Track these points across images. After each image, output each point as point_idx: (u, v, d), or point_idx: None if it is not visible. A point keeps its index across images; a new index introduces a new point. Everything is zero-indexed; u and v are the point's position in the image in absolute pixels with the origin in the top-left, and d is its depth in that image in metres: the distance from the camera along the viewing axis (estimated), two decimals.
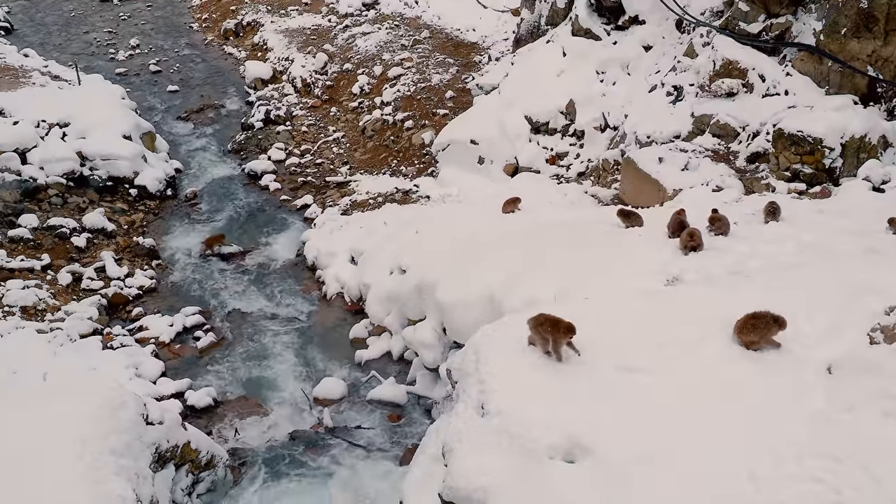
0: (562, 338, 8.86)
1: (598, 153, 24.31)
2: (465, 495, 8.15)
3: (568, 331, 8.87)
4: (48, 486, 7.75)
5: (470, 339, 10.26)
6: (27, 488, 7.71)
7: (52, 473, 7.90)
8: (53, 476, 7.88)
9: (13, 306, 19.38)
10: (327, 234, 23.19)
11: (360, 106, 33.91)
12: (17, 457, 8.03)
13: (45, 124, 28.08)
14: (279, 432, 15.96)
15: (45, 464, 7.95)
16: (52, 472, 7.91)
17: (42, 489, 7.70)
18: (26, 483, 7.74)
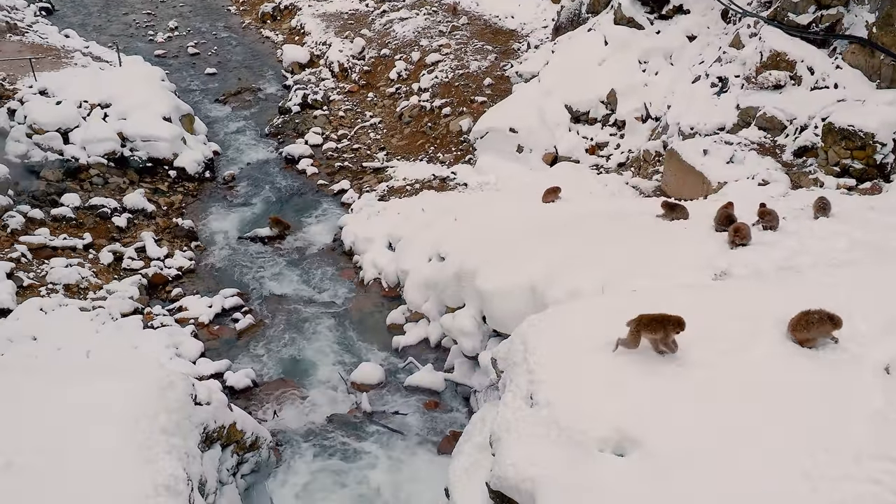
0: (672, 332, 8.77)
1: (639, 144, 24.07)
2: (513, 485, 8.12)
3: (678, 325, 8.77)
4: (103, 462, 7.84)
5: (516, 329, 10.20)
6: (83, 464, 7.80)
7: (106, 451, 7.99)
8: (107, 453, 7.97)
9: (57, 284, 19.64)
10: (364, 220, 23.21)
11: (398, 92, 33.87)
12: (72, 434, 8.13)
13: (86, 105, 28.37)
14: (317, 415, 16.04)
15: (99, 441, 8.04)
16: (106, 450, 8.00)
17: (97, 466, 7.80)
18: (82, 459, 7.84)
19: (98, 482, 7.73)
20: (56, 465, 7.88)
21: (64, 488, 7.64)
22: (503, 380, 9.89)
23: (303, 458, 14.53)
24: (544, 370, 8.89)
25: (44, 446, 8.03)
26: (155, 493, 7.80)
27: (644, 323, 8.75)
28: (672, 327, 8.71)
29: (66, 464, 7.88)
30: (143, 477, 7.94)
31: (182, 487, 8.06)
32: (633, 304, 10.03)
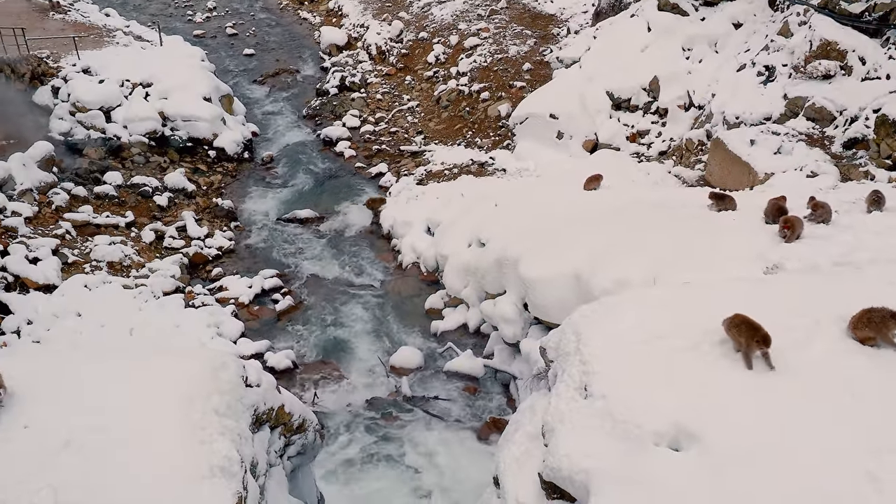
0: (754, 346, 8.52)
1: (681, 132, 23.76)
2: (566, 476, 8.05)
3: (763, 341, 8.46)
4: (159, 442, 7.90)
5: (567, 319, 10.09)
6: (140, 444, 7.86)
7: (162, 430, 8.05)
8: (163, 433, 8.02)
9: (100, 261, 19.87)
10: (403, 204, 23.21)
11: (435, 75, 33.74)
12: (128, 413, 8.20)
13: (128, 84, 28.61)
14: (356, 398, 16.13)
15: (155, 420, 8.10)
16: (162, 429, 8.06)
17: (153, 445, 7.86)
18: (139, 438, 7.90)
19: (155, 461, 7.77)
20: (113, 444, 7.93)
21: (121, 467, 7.70)
22: (554, 370, 9.81)
23: (343, 441, 14.63)
24: (598, 361, 8.78)
25: (101, 425, 8.08)
26: (210, 474, 7.82)
27: (735, 323, 8.58)
28: (756, 342, 8.41)
29: (122, 443, 7.94)
30: (199, 457, 7.96)
31: (236, 469, 8.08)
32: (687, 297, 9.92)
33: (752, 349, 8.48)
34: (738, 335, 8.56)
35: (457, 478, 13.52)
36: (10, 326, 17.18)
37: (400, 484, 13.59)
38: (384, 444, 14.63)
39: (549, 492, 8.53)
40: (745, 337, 8.50)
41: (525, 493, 8.68)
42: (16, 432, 7.99)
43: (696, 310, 9.50)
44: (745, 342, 8.47)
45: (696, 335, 9.05)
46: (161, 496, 7.47)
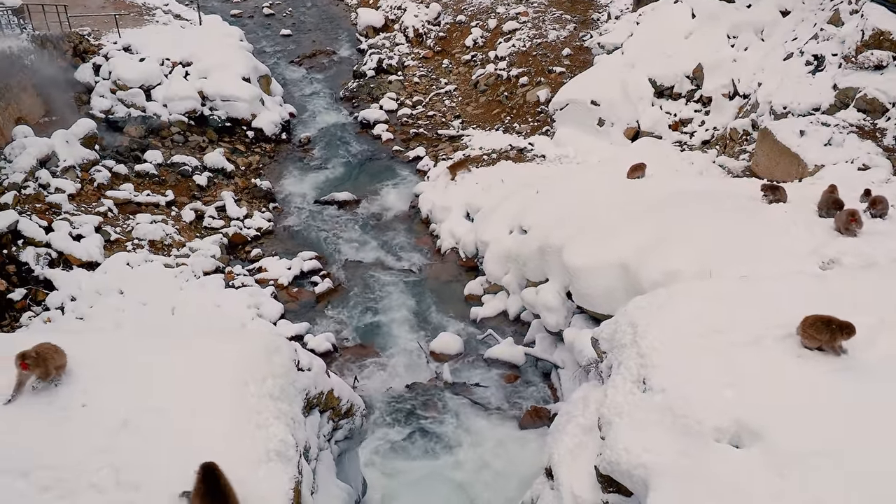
0: (839, 337, 8.41)
1: (725, 121, 23.38)
2: (625, 470, 7.96)
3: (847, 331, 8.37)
4: (217, 424, 7.89)
5: (621, 310, 9.96)
6: (197, 425, 7.86)
7: (219, 413, 8.04)
8: (220, 416, 8.01)
9: (142, 239, 19.98)
10: (442, 189, 23.07)
11: (473, 59, 33.50)
12: (185, 394, 8.20)
13: (168, 63, 28.71)
14: (397, 383, 16.09)
15: (211, 403, 8.09)
16: (219, 412, 8.05)
17: (211, 427, 7.85)
18: (196, 420, 7.90)
19: (212, 444, 7.75)
20: (171, 425, 7.94)
21: (179, 449, 7.69)
22: (608, 361, 9.69)
23: (384, 426, 14.62)
24: (657, 354, 8.65)
25: (158, 406, 8.08)
26: (267, 458, 7.80)
27: (809, 323, 8.40)
28: (840, 333, 8.31)
29: (180, 424, 7.94)
30: (256, 441, 7.95)
31: (292, 453, 8.06)
32: (745, 291, 9.74)
33: (837, 340, 8.37)
34: (818, 333, 8.40)
35: (498, 467, 13.44)
36: (55, 303, 17.34)
37: (441, 471, 13.53)
38: (425, 430, 14.58)
39: (605, 485, 8.45)
40: (827, 333, 8.37)
41: (580, 486, 8.61)
42: (74, 411, 8.01)
43: (756, 304, 9.34)
44: (830, 336, 8.35)
45: (756, 330, 8.89)
46: None
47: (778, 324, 8.90)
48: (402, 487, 13.09)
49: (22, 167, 20.48)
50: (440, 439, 14.30)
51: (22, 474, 7.36)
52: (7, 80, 23.55)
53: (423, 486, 13.19)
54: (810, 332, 8.39)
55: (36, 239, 18.38)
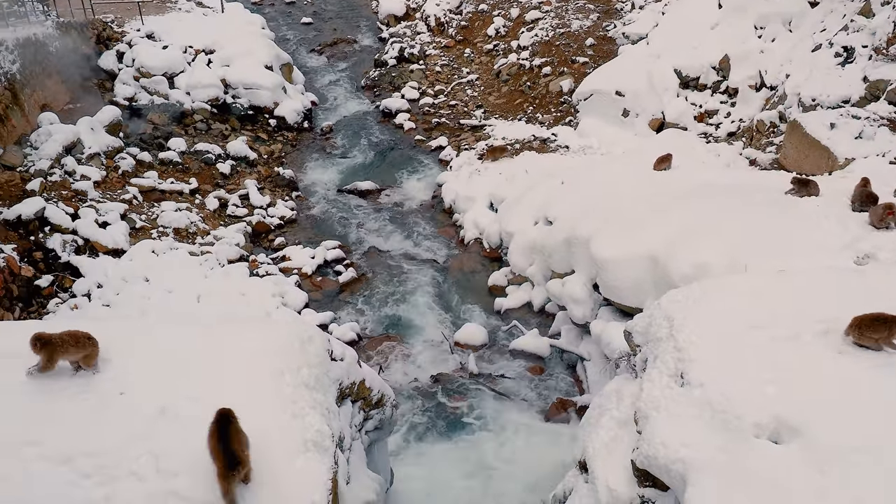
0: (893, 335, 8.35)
1: (752, 113, 23.18)
2: (662, 465, 7.90)
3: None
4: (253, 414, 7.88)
5: (655, 303, 9.88)
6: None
7: (255, 402, 8.03)
8: (257, 405, 8.01)
9: (167, 227, 20.04)
10: (465, 179, 23.00)
11: (495, 49, 33.34)
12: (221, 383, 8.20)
13: (191, 50, 28.73)
14: (421, 373, 16.07)
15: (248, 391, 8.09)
16: (255, 401, 8.04)
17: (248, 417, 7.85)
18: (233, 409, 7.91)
19: (249, 433, 7.77)
20: (207, 414, 7.93)
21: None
22: (643, 355, 9.63)
23: (409, 416, 14.60)
24: (695, 349, 8.58)
25: (195, 394, 8.09)
26: (304, 448, 7.80)
27: (866, 324, 8.31)
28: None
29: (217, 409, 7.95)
30: (293, 431, 7.94)
31: (328, 444, 8.04)
32: (782, 286, 9.65)
33: (894, 335, 8.30)
34: (875, 332, 8.32)
35: (525, 458, 13.39)
36: (81, 289, 17.43)
37: (467, 462, 13.51)
38: (450, 420, 14.57)
39: (641, 479, 8.40)
40: (885, 330, 8.30)
41: (615, 480, 8.56)
42: (112, 398, 8.04)
43: (794, 299, 9.25)
44: (888, 333, 8.27)
45: (795, 325, 8.81)
46: (256, 468, 7.47)
47: (817, 319, 8.81)
48: (429, 478, 13.08)
49: (48, 154, 20.58)
50: (466, 430, 14.29)
51: (64, 461, 7.39)
52: (32, 67, 23.64)
53: (449, 477, 13.18)
54: (867, 332, 8.30)
55: (62, 226, 18.48)
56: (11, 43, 22.47)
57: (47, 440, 7.55)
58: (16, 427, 7.66)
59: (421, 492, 12.75)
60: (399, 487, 12.50)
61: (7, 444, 7.50)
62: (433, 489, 12.83)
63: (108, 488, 7.26)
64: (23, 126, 22.01)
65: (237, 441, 7.13)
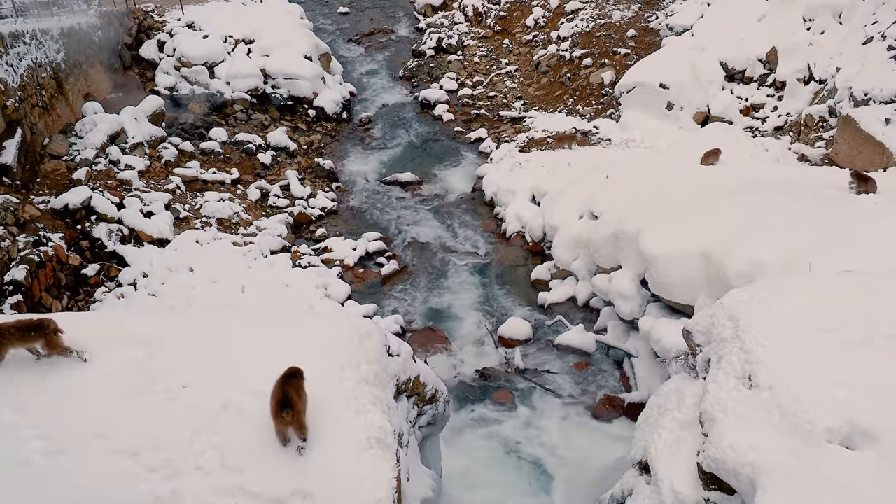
0: None
1: (800, 107, 22.72)
2: (731, 468, 7.75)
3: None
4: (318, 410, 7.83)
5: (718, 302, 9.69)
6: None
7: (319, 398, 7.98)
8: (320, 401, 7.96)
9: (210, 217, 20.11)
10: (507, 171, 22.80)
11: (535, 40, 33.05)
12: None
13: (231, 40, 28.79)
14: (466, 367, 15.97)
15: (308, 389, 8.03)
16: (319, 397, 7.99)
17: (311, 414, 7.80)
18: None
19: (313, 429, 7.72)
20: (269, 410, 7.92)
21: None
22: (704, 355, 9.46)
23: (456, 411, 14.49)
24: (763, 350, 8.39)
25: (256, 389, 8.05)
26: (368, 444, 7.74)
27: None
28: None
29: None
30: (356, 428, 7.89)
31: (390, 441, 7.98)
32: (851, 286, 9.41)
33: None
34: None
35: (574, 455, 13.26)
36: (127, 278, 17.55)
37: (513, 458, 13.41)
38: (496, 415, 14.47)
39: (706, 482, 8.25)
40: None
41: (680, 482, 8.41)
42: (176, 392, 8.03)
43: (862, 301, 9.02)
44: None
45: (866, 328, 8.58)
46: (322, 465, 7.42)
47: (888, 322, 8.58)
48: (474, 473, 12.99)
49: (93, 143, 20.72)
50: (511, 426, 14.16)
51: (132, 454, 7.41)
52: (76, 57, 23.82)
53: (495, 473, 13.09)
54: None
55: (108, 215, 18.60)
56: (56, 32, 22.64)
57: (115, 433, 7.57)
58: (84, 419, 7.69)
59: (467, 487, 12.67)
60: (447, 482, 12.43)
61: (76, 436, 7.53)
62: (479, 484, 12.75)
63: (174, 482, 7.26)
64: (67, 115, 22.21)
65: (294, 390, 7.61)
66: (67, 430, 7.65)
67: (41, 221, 17.60)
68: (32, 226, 17.25)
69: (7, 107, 18.66)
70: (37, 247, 16.61)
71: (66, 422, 7.73)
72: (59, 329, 8.10)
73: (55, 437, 7.58)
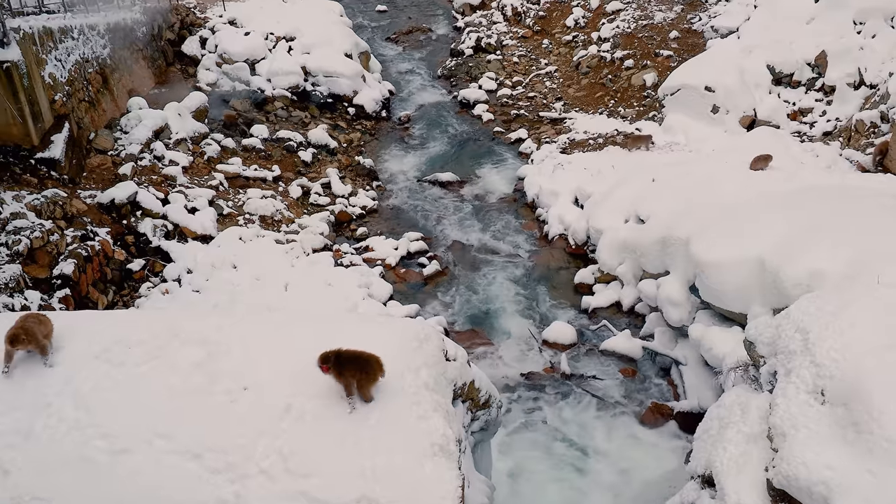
0: None
1: (849, 112, 22.27)
2: (804, 486, 7.55)
3: None
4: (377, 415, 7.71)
5: (783, 313, 9.45)
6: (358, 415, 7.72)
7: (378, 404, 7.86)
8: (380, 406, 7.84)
9: (253, 214, 20.11)
10: (549, 173, 22.58)
11: (575, 40, 32.78)
12: None
13: (272, 37, 28.83)
14: (510, 371, 15.80)
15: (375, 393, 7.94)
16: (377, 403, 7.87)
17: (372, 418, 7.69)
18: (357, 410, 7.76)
19: (375, 435, 7.61)
20: (332, 413, 7.82)
21: (343, 437, 7.57)
22: (769, 367, 9.23)
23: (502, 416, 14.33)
24: (836, 365, 8.15)
25: (317, 392, 7.97)
26: (431, 452, 7.61)
27: None
28: None
29: (341, 413, 7.81)
30: (419, 434, 7.75)
31: (453, 448, 7.84)
32: None
33: None
34: None
35: (624, 463, 13.05)
36: (172, 274, 17.58)
37: (560, 465, 13.22)
38: (543, 421, 14.29)
39: (775, 499, 8.04)
40: None
41: (748, 498, 8.18)
42: (237, 393, 7.95)
43: None
44: None
45: None
46: (386, 472, 7.30)
47: None
48: (520, 479, 12.84)
49: (138, 139, 20.82)
50: (560, 431, 13.98)
51: (194, 456, 7.33)
52: (121, 52, 23.97)
53: (542, 479, 12.92)
54: None
55: (153, 210, 18.68)
56: (103, 27, 22.80)
57: (177, 434, 7.50)
58: (145, 418, 7.63)
59: (515, 493, 12.54)
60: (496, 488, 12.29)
61: (139, 435, 7.48)
62: (526, 491, 12.59)
63: (238, 486, 7.18)
64: (112, 110, 22.36)
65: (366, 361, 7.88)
66: (129, 429, 7.60)
67: (88, 216, 17.70)
68: (79, 220, 17.36)
69: (55, 101, 18.80)
70: (84, 241, 16.69)
71: (127, 420, 7.68)
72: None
73: (118, 436, 7.53)
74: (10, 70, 17.03)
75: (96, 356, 8.35)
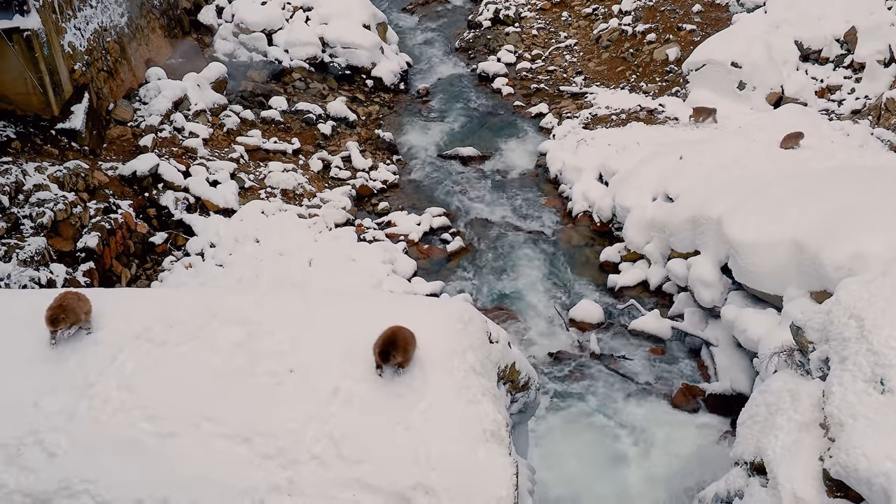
0: None
1: (879, 90, 21.90)
2: (863, 477, 7.38)
3: None
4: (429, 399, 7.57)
5: (833, 298, 9.23)
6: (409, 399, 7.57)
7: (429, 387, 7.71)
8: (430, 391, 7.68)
9: (275, 188, 19.89)
10: (572, 148, 22.24)
11: (595, 13, 32.23)
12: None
13: (290, 7, 28.36)
14: (537, 350, 15.66)
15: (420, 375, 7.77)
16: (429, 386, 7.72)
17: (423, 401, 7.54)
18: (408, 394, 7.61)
19: (427, 419, 7.49)
20: (381, 396, 7.68)
21: (395, 422, 7.43)
22: (820, 353, 9.04)
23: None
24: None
25: (363, 375, 7.83)
26: (483, 437, 7.48)
27: None
28: None
29: (391, 395, 7.67)
30: (471, 419, 7.62)
31: (503, 433, 7.72)
32: None
33: None
34: None
35: (654, 443, 12.95)
36: (194, 248, 17.43)
37: (594, 444, 13.12)
38: (573, 400, 14.17)
39: (832, 489, 7.88)
40: None
41: (802, 488, 8.02)
42: (283, 376, 7.82)
43: None
44: None
45: None
46: (441, 458, 7.17)
47: None
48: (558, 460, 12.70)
49: (158, 110, 20.56)
50: (591, 411, 13.86)
51: (244, 440, 7.20)
52: (138, 21, 23.61)
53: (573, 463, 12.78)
54: None
55: (175, 183, 18.47)
56: None
57: (225, 417, 7.36)
58: (190, 401, 7.50)
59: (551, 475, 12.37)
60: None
61: (185, 418, 7.34)
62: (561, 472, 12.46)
63: (290, 472, 7.05)
64: (130, 80, 22.06)
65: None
66: (176, 411, 7.47)
67: (109, 188, 17.51)
68: (102, 192, 17.17)
69: (75, 71, 18.53)
70: (107, 214, 16.52)
71: (172, 402, 7.56)
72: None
73: (164, 418, 7.40)
74: (31, 38, 16.76)
75: (137, 336, 8.21)
